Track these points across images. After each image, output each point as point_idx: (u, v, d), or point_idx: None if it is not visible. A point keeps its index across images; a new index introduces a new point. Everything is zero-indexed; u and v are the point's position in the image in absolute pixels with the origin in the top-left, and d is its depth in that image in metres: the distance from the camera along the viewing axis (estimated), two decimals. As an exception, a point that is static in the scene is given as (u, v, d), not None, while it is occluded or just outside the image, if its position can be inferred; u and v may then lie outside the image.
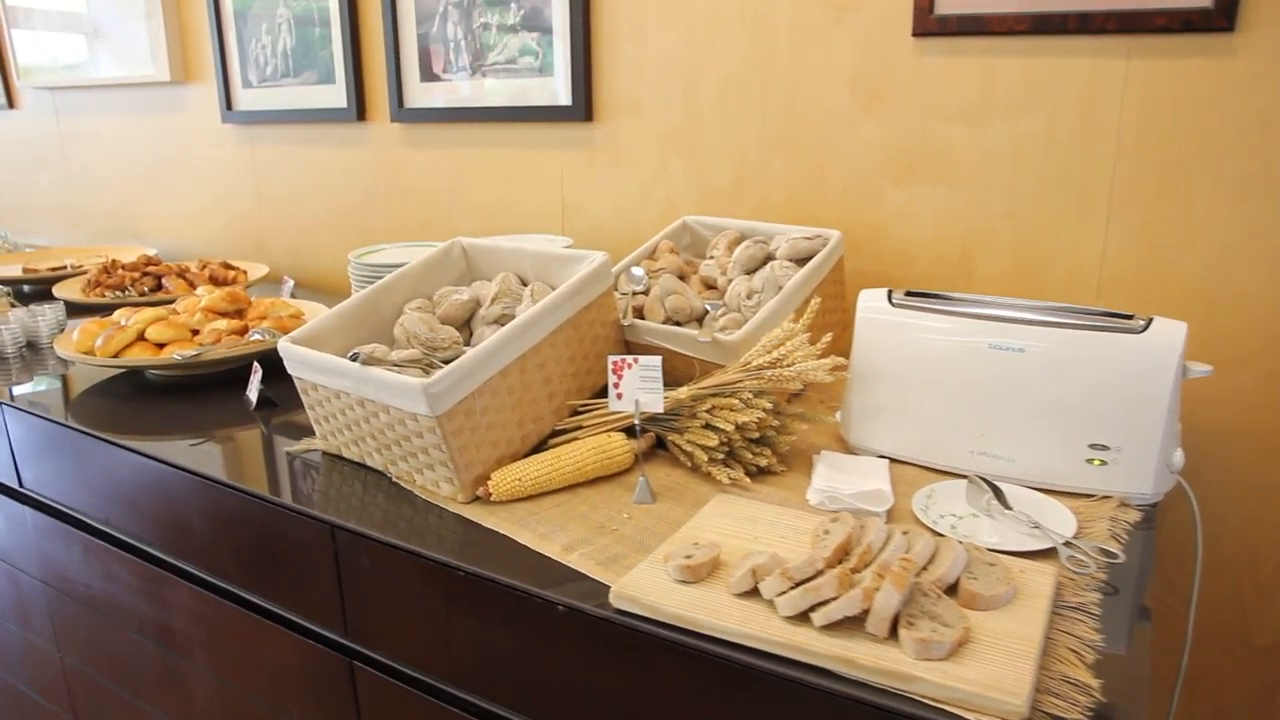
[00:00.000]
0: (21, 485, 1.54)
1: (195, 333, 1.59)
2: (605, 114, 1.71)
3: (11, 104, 2.84)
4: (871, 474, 1.10)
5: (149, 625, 1.41)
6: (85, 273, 2.28)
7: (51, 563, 1.55)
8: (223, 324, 1.60)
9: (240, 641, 1.27)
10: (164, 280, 2.03)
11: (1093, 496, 1.07)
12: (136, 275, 2.05)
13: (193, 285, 1.98)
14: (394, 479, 1.13)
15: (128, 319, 1.59)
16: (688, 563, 0.86)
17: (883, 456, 1.16)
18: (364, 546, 1.03)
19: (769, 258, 1.37)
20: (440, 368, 1.15)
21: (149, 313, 1.57)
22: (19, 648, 1.73)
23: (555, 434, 1.17)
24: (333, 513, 1.07)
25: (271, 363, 1.49)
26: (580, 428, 1.17)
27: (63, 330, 1.82)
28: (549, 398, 1.15)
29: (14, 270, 2.38)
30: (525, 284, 1.31)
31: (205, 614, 1.30)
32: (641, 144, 1.69)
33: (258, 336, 1.54)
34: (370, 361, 1.07)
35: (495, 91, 1.82)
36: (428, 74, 1.90)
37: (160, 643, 1.40)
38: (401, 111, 1.95)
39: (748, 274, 1.36)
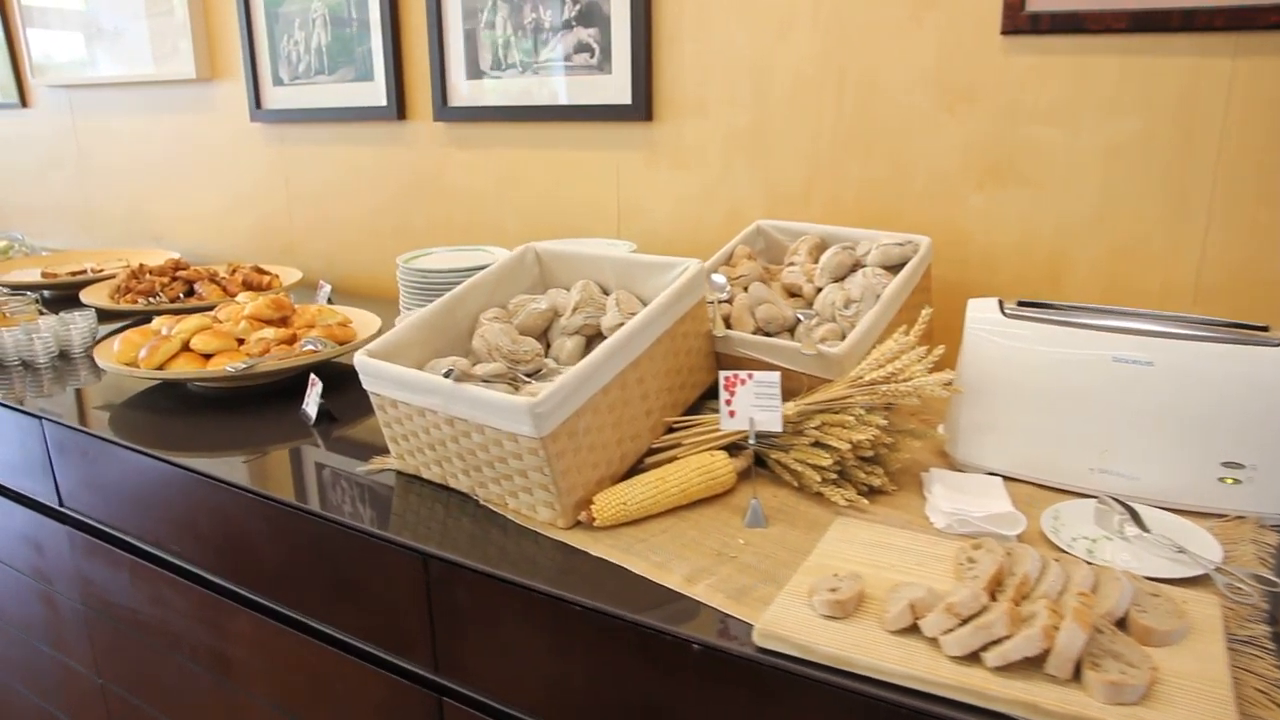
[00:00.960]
0: (61, 504, 1.46)
1: (240, 342, 1.52)
2: (666, 113, 1.65)
3: (24, 102, 2.74)
4: (991, 493, 1.04)
5: (202, 652, 1.34)
6: (107, 277, 2.19)
7: (92, 584, 1.48)
8: (269, 333, 1.53)
9: (307, 672, 1.20)
10: (196, 286, 1.95)
11: (1224, 517, 1.01)
12: (165, 280, 1.97)
13: (226, 291, 1.90)
14: (481, 502, 1.07)
15: (169, 328, 1.51)
16: (835, 597, 0.80)
17: (993, 474, 1.11)
18: (461, 576, 0.97)
19: (857, 264, 1.31)
20: (526, 382, 1.09)
21: (192, 321, 1.50)
22: (55, 672, 1.65)
23: (649, 452, 1.11)
24: (418, 538, 1.00)
25: (324, 374, 1.43)
26: (677, 445, 1.10)
27: (95, 339, 1.74)
28: (646, 414, 1.09)
29: (32, 275, 2.29)
30: (606, 292, 1.24)
31: (267, 642, 1.23)
32: (705, 144, 1.63)
33: (311, 346, 1.46)
34: (462, 378, 1.00)
35: (547, 89, 1.75)
36: (474, 71, 1.83)
37: (216, 671, 1.33)
38: (445, 110, 1.88)
39: (836, 281, 1.30)
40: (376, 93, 1.97)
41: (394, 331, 1.13)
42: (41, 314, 1.79)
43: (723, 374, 1.00)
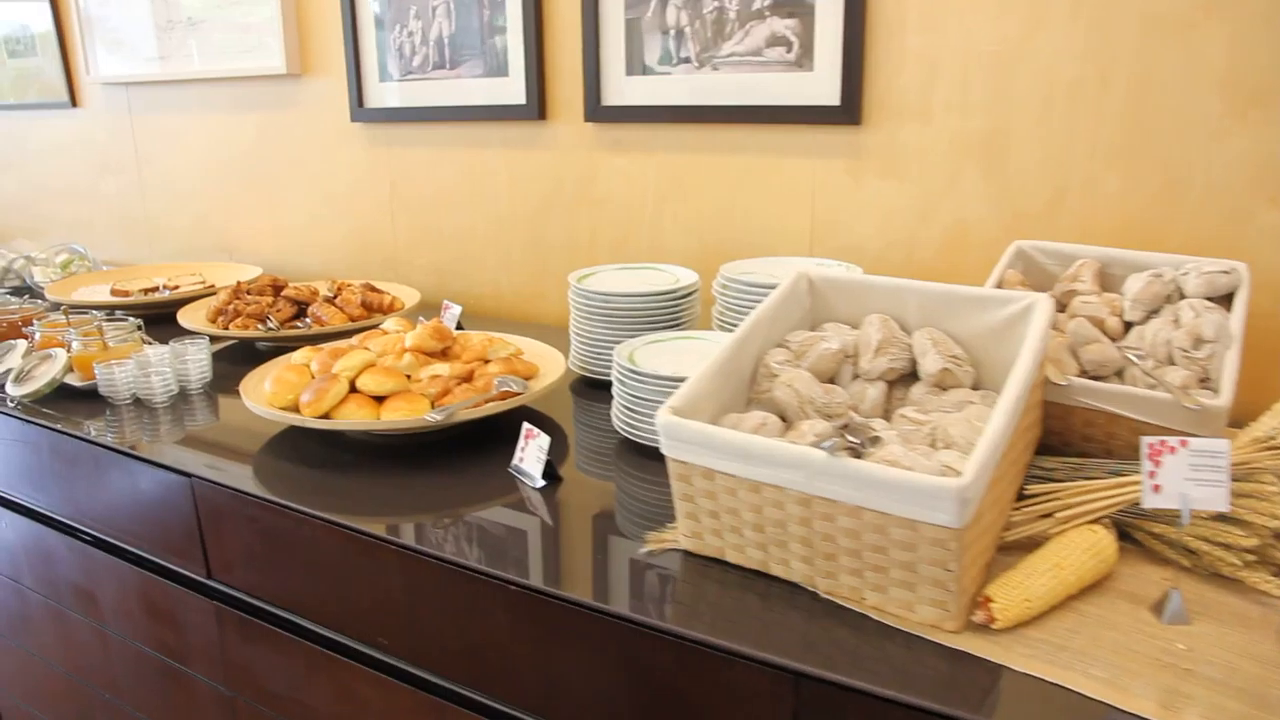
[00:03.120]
0: (210, 575, 1.23)
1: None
2: (879, 116, 1.46)
3: (74, 101, 2.48)
4: None
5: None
6: (199, 295, 1.95)
7: (251, 673, 1.25)
8: (441, 368, 1.31)
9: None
10: (310, 308, 1.72)
11: None
12: (268, 300, 1.73)
13: (345, 314, 1.68)
14: (821, 595, 0.87)
15: (321, 363, 1.29)
16: None
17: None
18: (847, 702, 0.77)
19: (1171, 295, 1.13)
20: (854, 445, 0.89)
21: (356, 358, 1.28)
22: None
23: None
24: (762, 647, 0.80)
25: (517, 420, 1.22)
26: (1044, 516, 0.92)
27: (211, 373, 1.51)
28: (1010, 483, 0.90)
29: (99, 293, 2.04)
30: (905, 329, 1.05)
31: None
32: (926, 152, 1.44)
33: (509, 387, 1.25)
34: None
35: (729, 88, 1.55)
36: (636, 66, 1.63)
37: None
38: (599, 109, 1.67)
39: (1150, 314, 1.12)
40: (512, 90, 1.76)
41: (693, 382, 0.92)
42: (146, 342, 1.56)
43: (1145, 440, 0.81)
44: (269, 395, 1.25)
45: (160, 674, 1.40)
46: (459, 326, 1.70)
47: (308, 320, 1.63)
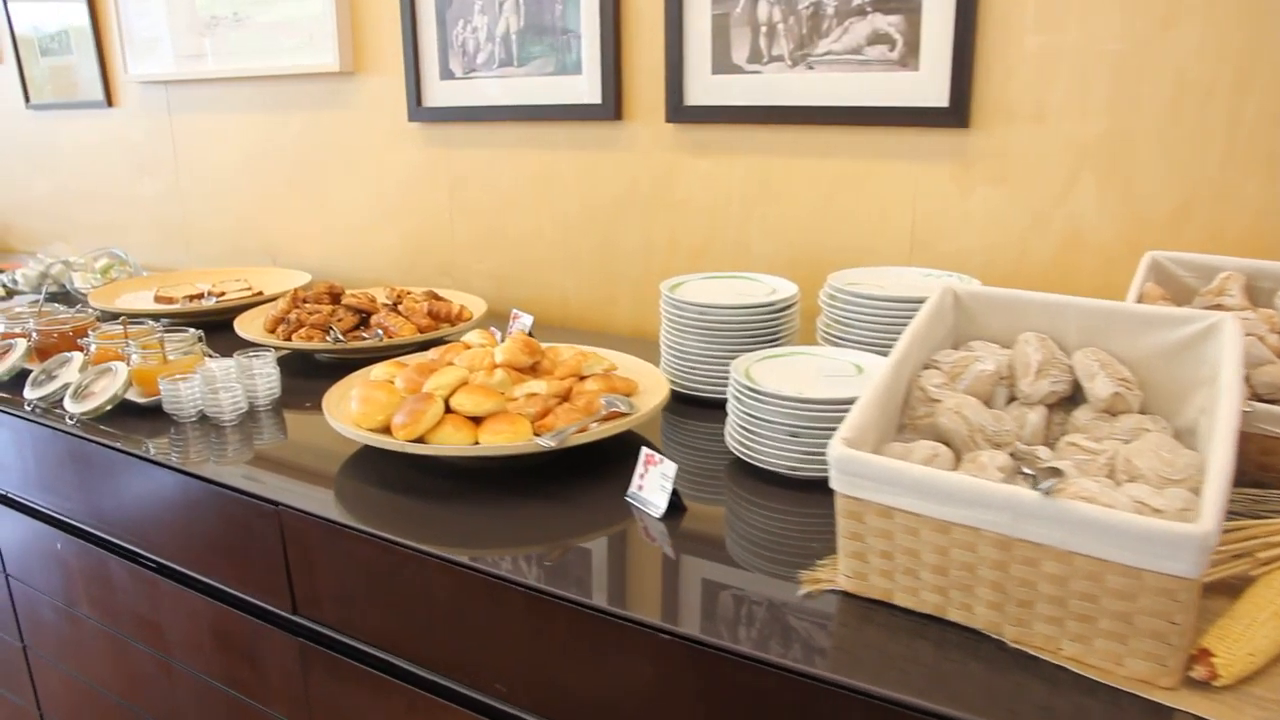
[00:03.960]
0: (295, 610, 1.15)
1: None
2: (989, 118, 1.38)
3: (110, 101, 2.39)
4: None
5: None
6: (247, 303, 1.87)
7: (339, 715, 1.17)
8: (537, 386, 1.23)
9: None
10: (373, 318, 1.63)
11: None
12: (329, 310, 1.65)
13: (416, 324, 1.59)
14: (1009, 644, 0.79)
15: (406, 380, 1.21)
16: None
17: None
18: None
19: (1337, 310, 1.06)
20: (1030, 478, 0.82)
21: (449, 376, 1.20)
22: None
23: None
24: (921, 694, 0.73)
25: (621, 443, 1.14)
26: (1237, 556, 0.84)
27: (277, 389, 1.42)
28: (1208, 520, 0.82)
29: (142, 299, 1.96)
30: (1063, 348, 0.97)
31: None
32: (1041, 157, 1.36)
33: (617, 407, 1.17)
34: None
35: (824, 88, 1.48)
36: (724, 64, 1.55)
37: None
38: (681, 109, 1.59)
39: (1316, 331, 1.04)
40: (585, 89, 1.68)
41: (859, 411, 0.85)
42: (208, 355, 1.48)
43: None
44: (356, 416, 1.17)
45: (230, 710, 1.32)
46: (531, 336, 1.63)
47: (379, 332, 1.55)
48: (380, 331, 1.53)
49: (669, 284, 1.44)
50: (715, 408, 1.33)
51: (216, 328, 1.70)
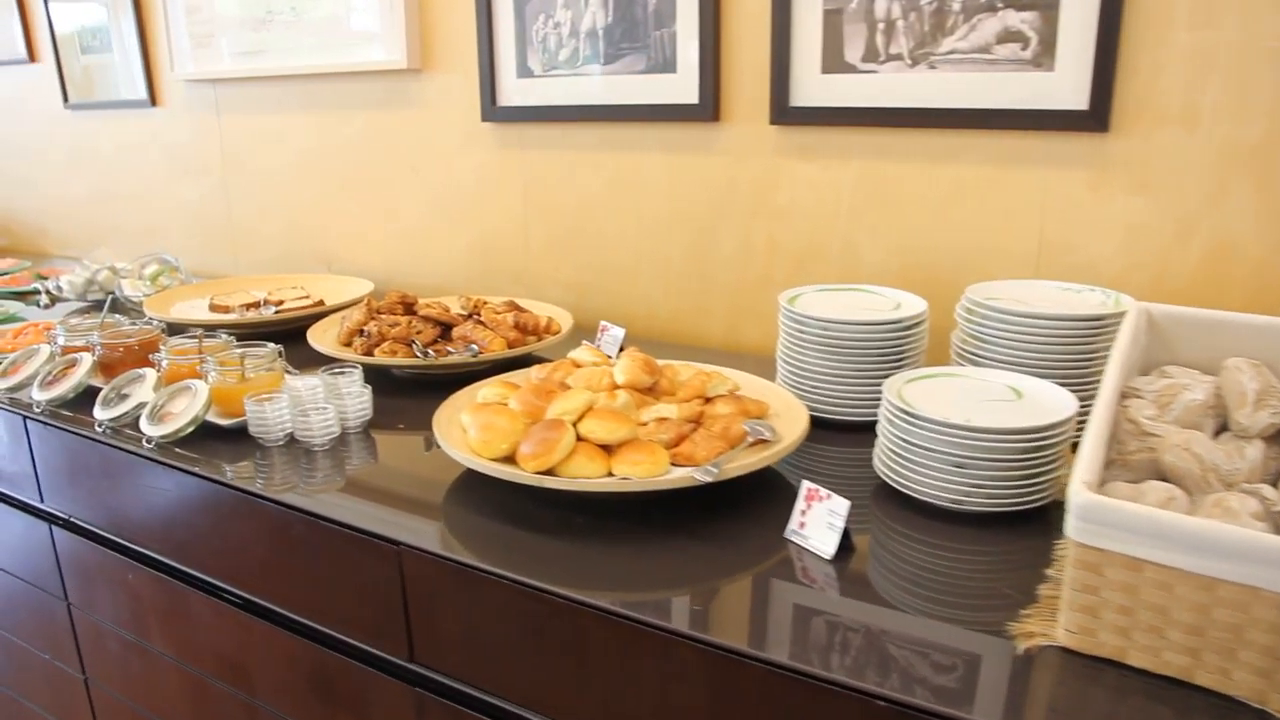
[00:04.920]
0: (412, 659, 1.06)
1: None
2: (1132, 122, 1.29)
3: (154, 100, 2.29)
4: None
5: None
6: (312, 314, 1.78)
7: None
8: (667, 410, 1.14)
9: None
10: (455, 330, 1.54)
11: None
12: (408, 322, 1.55)
13: (505, 338, 1.50)
14: (1274, 714, 0.71)
15: (551, 408, 1.11)
16: None
17: None
18: None
19: None
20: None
21: (576, 399, 1.10)
22: None
23: None
24: None
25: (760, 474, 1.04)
26: None
27: (368, 410, 1.33)
28: None
29: (197, 308, 1.86)
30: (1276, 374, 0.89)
31: None
32: (1190, 162, 1.27)
33: (764, 435, 1.08)
34: None
35: (947, 88, 1.39)
36: (835, 63, 1.46)
37: None
38: (787, 111, 1.50)
39: None
40: (681, 88, 1.58)
41: (1090, 450, 0.76)
42: (289, 372, 1.38)
43: None
44: (477, 444, 1.08)
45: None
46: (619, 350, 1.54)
47: (473, 347, 1.45)
48: (475, 346, 1.43)
49: (788, 296, 1.35)
50: (838, 429, 1.25)
51: (273, 339, 1.59)
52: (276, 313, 1.82)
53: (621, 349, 1.53)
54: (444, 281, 1.99)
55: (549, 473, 1.04)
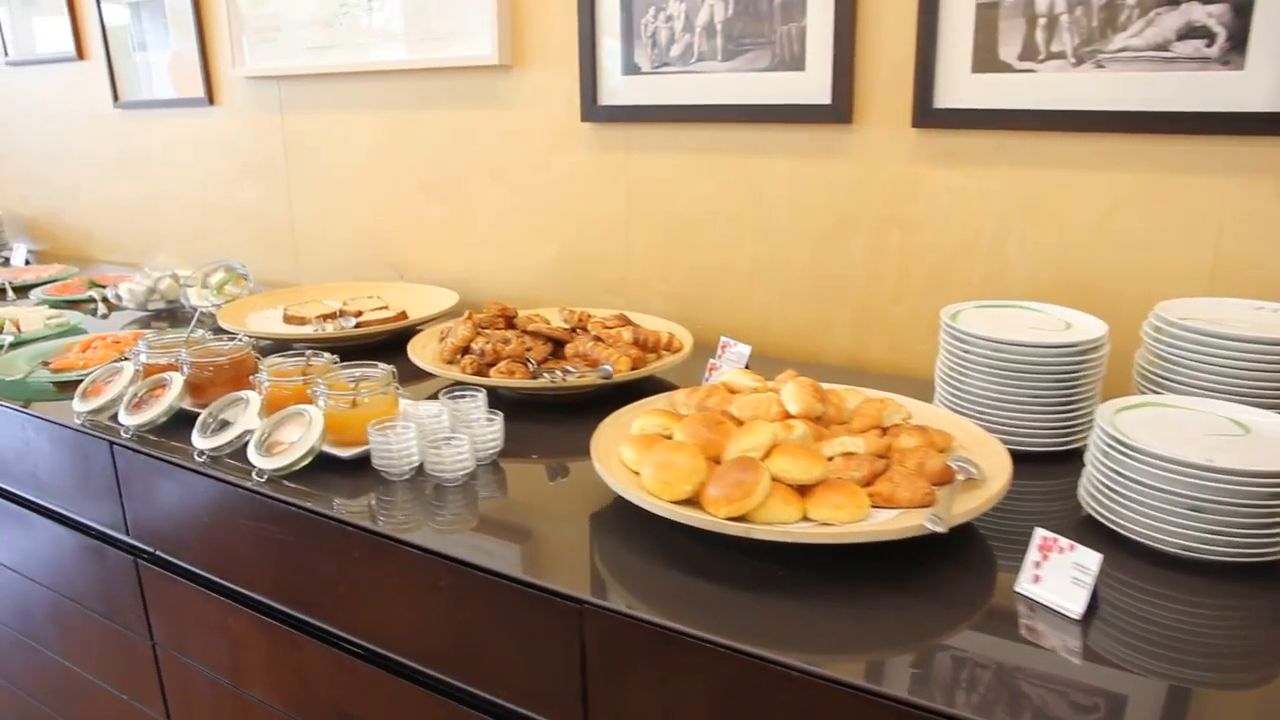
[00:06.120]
0: (587, 711, 0.95)
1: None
2: (1332, 125, 1.20)
3: (211, 99, 2.16)
4: None
5: None
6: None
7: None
8: (852, 444, 1.04)
9: None
10: (569, 347, 1.43)
11: None
12: (519, 338, 1.44)
13: (629, 357, 1.39)
14: None
15: (734, 444, 1.00)
16: None
17: None
18: None
19: None
20: None
21: (761, 434, 0.99)
22: None
23: None
24: None
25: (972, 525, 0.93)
26: None
27: (499, 441, 1.21)
28: None
29: (269, 319, 1.74)
30: None
31: None
32: (1397, 170, 1.18)
33: (971, 473, 0.97)
34: None
35: (1116, 89, 1.28)
36: (988, 61, 1.35)
37: None
38: (931, 113, 1.40)
39: None
40: (810, 87, 1.47)
41: None
42: (403, 395, 1.27)
43: None
44: (654, 485, 0.97)
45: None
46: (747, 368, 1.43)
47: (606, 368, 1.33)
48: (608, 368, 1.32)
49: (949, 312, 1.25)
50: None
51: (352, 354, 1.47)
52: (357, 325, 1.71)
53: (746, 368, 1.42)
54: (528, 291, 1.88)
55: (740, 518, 0.93)
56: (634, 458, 1.03)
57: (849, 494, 0.95)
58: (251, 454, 1.19)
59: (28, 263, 2.51)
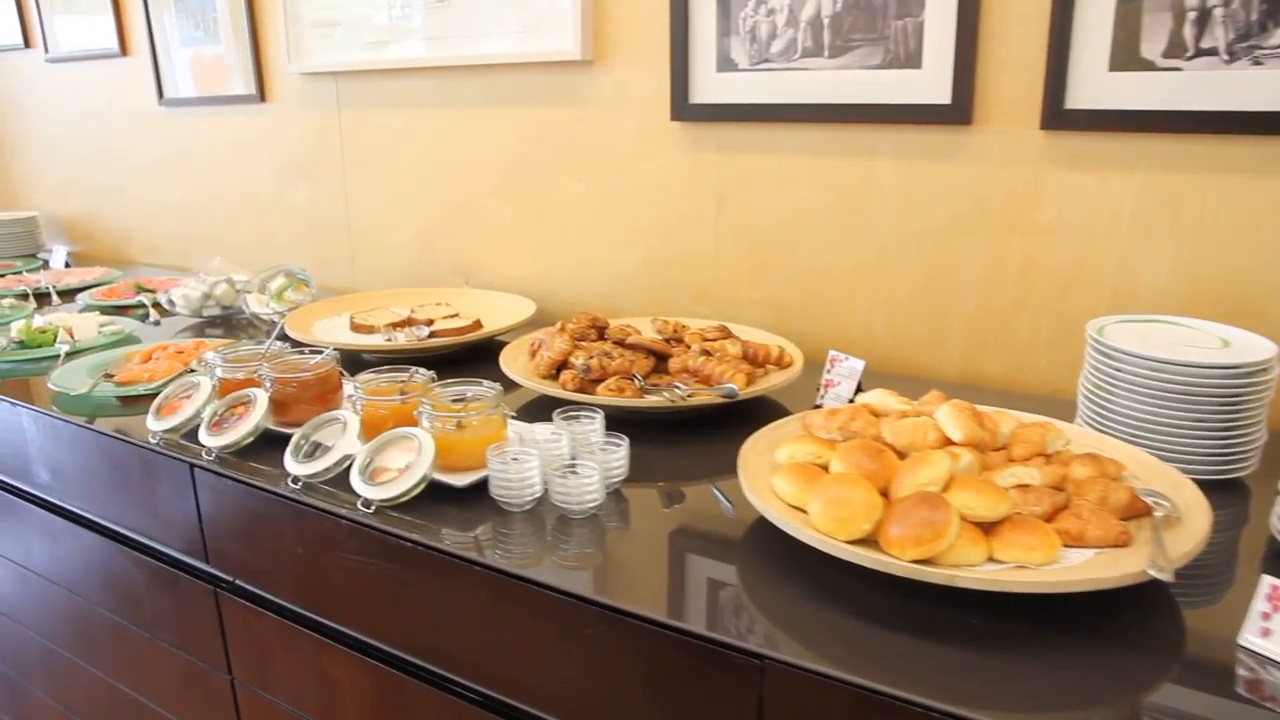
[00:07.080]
0: (755, 780, 0.87)
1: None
2: None
3: (263, 96, 2.07)
4: None
5: None
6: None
7: None
8: (1028, 475, 0.95)
9: None
10: (674, 361, 1.34)
11: None
12: (619, 352, 1.36)
13: (744, 373, 1.30)
14: None
15: (906, 478, 0.92)
16: None
17: None
18: None
19: None
20: None
21: (938, 467, 0.91)
22: None
23: None
24: None
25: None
26: None
27: (625, 468, 1.12)
28: None
29: (335, 328, 1.65)
30: None
31: None
32: None
33: (1166, 508, 0.89)
34: None
35: (1275, 88, 1.20)
36: (1128, 59, 1.27)
37: None
38: (1062, 114, 1.31)
39: None
40: (927, 85, 1.39)
41: None
42: (512, 416, 1.18)
43: None
44: (828, 523, 0.88)
45: None
46: (859, 388, 1.34)
47: (732, 387, 1.23)
48: (733, 386, 1.23)
49: (1095, 327, 1.17)
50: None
51: (423, 365, 1.36)
52: (431, 334, 1.62)
53: (859, 385, 1.34)
54: (605, 299, 1.79)
55: (924, 561, 0.85)
56: (791, 490, 0.95)
57: (1041, 534, 0.86)
58: (356, 482, 1.10)
59: (67, 265, 2.42)
